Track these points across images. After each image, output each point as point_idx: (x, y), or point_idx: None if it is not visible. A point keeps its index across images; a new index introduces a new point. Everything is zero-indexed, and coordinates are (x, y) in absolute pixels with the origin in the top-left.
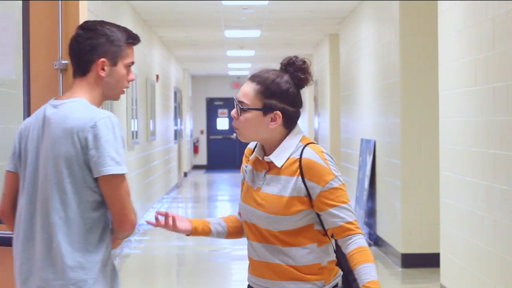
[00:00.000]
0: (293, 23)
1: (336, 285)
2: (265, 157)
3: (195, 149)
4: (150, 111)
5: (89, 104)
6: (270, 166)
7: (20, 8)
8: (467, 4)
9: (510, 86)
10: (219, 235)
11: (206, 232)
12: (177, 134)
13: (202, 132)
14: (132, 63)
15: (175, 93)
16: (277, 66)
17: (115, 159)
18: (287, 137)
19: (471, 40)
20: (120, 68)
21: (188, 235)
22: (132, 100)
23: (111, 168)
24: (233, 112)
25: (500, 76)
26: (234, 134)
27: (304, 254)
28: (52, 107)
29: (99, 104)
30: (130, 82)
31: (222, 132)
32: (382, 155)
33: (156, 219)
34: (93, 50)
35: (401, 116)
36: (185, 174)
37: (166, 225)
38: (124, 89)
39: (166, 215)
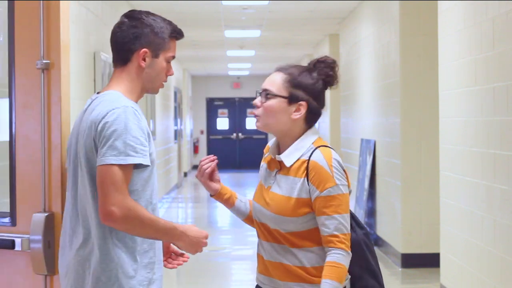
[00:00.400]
0: (293, 23)
1: None
2: (276, 156)
3: (195, 149)
4: (150, 111)
5: (119, 96)
6: (281, 166)
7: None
8: (467, 4)
9: (510, 86)
10: (239, 213)
11: (229, 203)
12: (177, 134)
13: (202, 132)
14: (173, 57)
15: (175, 93)
16: (277, 65)
17: (119, 149)
18: (302, 136)
19: (471, 40)
20: (161, 60)
21: (212, 195)
22: None
23: (108, 158)
24: (256, 100)
25: (500, 76)
26: (234, 134)
27: (311, 256)
28: (90, 101)
29: (137, 96)
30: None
31: (222, 132)
32: (382, 155)
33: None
34: (136, 39)
35: (401, 116)
36: (185, 174)
37: (201, 172)
38: (163, 83)
39: (209, 161)
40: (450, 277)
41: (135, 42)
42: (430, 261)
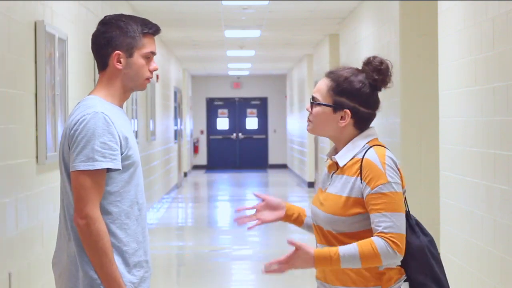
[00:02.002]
0: (293, 23)
1: None
2: (332, 156)
3: (195, 149)
4: (150, 111)
5: (96, 101)
6: (338, 167)
7: None
8: (467, 4)
9: (510, 86)
10: (309, 229)
11: (298, 222)
12: (177, 134)
13: (202, 132)
14: (152, 53)
15: (175, 93)
16: (277, 65)
17: (87, 155)
18: (356, 137)
19: (471, 40)
20: (137, 59)
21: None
22: (132, 100)
23: (78, 165)
24: (307, 106)
25: (500, 76)
26: (234, 134)
27: None
28: (75, 105)
29: (120, 98)
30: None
31: (222, 132)
32: None
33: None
34: (108, 44)
35: (401, 116)
36: (185, 174)
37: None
38: (149, 78)
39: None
40: (450, 277)
41: (107, 47)
42: None
